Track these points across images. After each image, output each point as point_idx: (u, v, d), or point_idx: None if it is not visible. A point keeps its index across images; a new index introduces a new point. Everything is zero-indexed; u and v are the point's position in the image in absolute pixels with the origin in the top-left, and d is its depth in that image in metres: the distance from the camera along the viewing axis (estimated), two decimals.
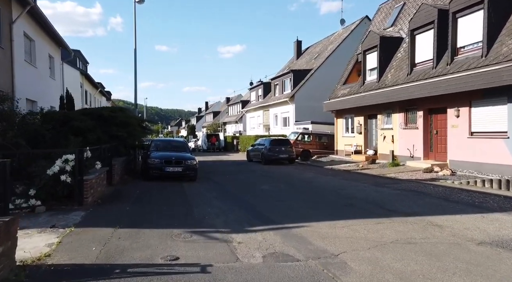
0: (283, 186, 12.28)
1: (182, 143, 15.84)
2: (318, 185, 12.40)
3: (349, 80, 24.39)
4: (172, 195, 10.39)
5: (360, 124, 22.10)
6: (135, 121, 15.28)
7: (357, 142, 22.40)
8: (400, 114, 18.25)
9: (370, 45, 20.55)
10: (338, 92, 24.44)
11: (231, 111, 61.97)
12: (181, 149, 15.05)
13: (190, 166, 13.41)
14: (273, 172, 17.08)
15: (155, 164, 13.14)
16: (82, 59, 36.59)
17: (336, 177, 14.82)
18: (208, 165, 22.36)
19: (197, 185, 12.66)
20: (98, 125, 14.35)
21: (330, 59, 32.82)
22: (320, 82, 32.11)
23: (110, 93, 62.78)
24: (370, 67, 20.96)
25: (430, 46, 15.99)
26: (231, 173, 16.73)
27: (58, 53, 22.59)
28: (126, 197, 9.65)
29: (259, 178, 14.77)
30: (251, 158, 24.58)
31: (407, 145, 17.62)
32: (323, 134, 26.86)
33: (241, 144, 37.22)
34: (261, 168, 19.36)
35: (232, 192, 11.02)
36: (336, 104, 23.73)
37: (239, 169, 19.29)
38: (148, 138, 16.40)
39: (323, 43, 38.70)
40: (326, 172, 16.98)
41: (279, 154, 21.97)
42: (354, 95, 21.54)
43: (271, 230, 6.42)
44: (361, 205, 8.64)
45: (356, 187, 11.75)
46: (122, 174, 13.44)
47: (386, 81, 18.82)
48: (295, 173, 16.85)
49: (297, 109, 32.29)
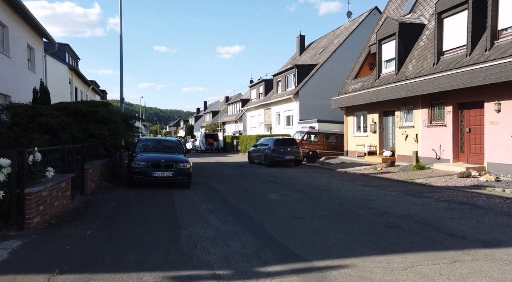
0: (295, 195, 10.04)
1: (175, 142, 13.59)
2: (338, 194, 10.17)
3: (361, 74, 22.18)
4: (157, 208, 8.16)
5: (375, 122, 19.89)
6: (118, 117, 13.03)
7: (370, 142, 20.18)
8: (423, 110, 16.04)
9: (387, 34, 18.33)
10: (349, 87, 22.22)
11: (231, 110, 59.73)
12: (172, 150, 12.82)
13: (182, 170, 11.19)
14: (280, 176, 14.85)
15: (140, 168, 10.91)
16: (72, 54, 34.29)
17: (355, 182, 12.59)
18: (206, 167, 20.13)
19: (190, 193, 10.44)
20: (74, 122, 12.15)
21: (337, 54, 30.62)
22: (326, 78, 29.95)
23: (105, 92, 60.50)
24: (387, 58, 18.74)
25: (463, 30, 13.78)
26: (231, 178, 14.51)
27: (40, 44, 20.37)
28: (95, 213, 7.41)
29: (264, 184, 12.55)
30: (252, 160, 22.36)
31: (432, 144, 15.41)
32: (331, 134, 24.65)
33: (242, 144, 35.00)
34: (265, 171, 17.13)
35: (233, 204, 8.80)
36: (347, 100, 21.52)
37: (240, 172, 17.06)
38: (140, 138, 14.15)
39: (329, 37, 36.50)
40: (340, 176, 14.74)
41: (285, 155, 19.75)
42: (367, 90, 19.33)
43: (294, 273, 4.20)
44: (408, 225, 6.41)
45: (386, 196, 9.52)
46: (100, 180, 11.20)
47: (407, 73, 16.61)
48: (305, 177, 14.62)
49: (302, 107, 30.08)
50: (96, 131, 11.82)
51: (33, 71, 18.77)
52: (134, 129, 14.94)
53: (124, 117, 14.17)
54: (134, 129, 14.94)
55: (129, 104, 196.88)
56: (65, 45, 32.08)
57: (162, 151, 12.66)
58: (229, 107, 61.37)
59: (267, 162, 19.95)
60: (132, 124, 15.29)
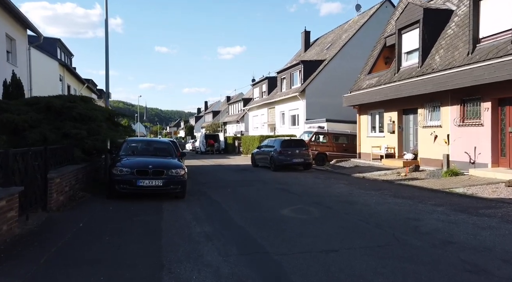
0: (314, 210, 8.02)
1: (167, 144, 11.52)
2: (368, 209, 8.15)
3: (376, 68, 20.17)
4: (137, 232, 6.16)
5: (393, 121, 17.86)
6: (101, 115, 11.01)
7: (388, 143, 18.15)
8: (453, 107, 14.01)
9: (408, 21, 16.31)
10: (363, 83, 20.20)
11: (232, 110, 57.75)
12: (164, 153, 10.80)
13: (175, 178, 9.18)
14: (290, 183, 12.83)
15: (123, 176, 8.89)
16: (65, 50, 32.30)
17: (382, 192, 10.57)
18: (205, 170, 18.11)
19: (184, 206, 8.43)
20: (46, 119, 10.17)
21: (345, 49, 28.61)
22: (334, 75, 27.94)
23: (103, 92, 58.57)
24: (408, 50, 16.72)
25: (505, 13, 11.76)
26: (234, 184, 12.49)
27: (23, 35, 18.41)
28: (47, 243, 5.39)
29: (273, 194, 10.53)
30: (256, 162, 20.34)
31: (465, 147, 13.38)
32: (342, 134, 22.63)
33: (244, 146, 32.98)
34: (272, 176, 15.10)
35: (237, 224, 6.79)
36: (361, 97, 19.49)
37: (243, 177, 15.04)
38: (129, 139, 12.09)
39: (336, 33, 34.49)
40: (360, 183, 12.72)
41: (293, 158, 17.72)
42: (385, 85, 17.30)
43: None
44: (499, 268, 4.38)
45: (432, 213, 7.49)
46: (75, 190, 9.19)
47: (433, 65, 14.58)
48: (320, 184, 12.60)
49: (308, 106, 28.06)
50: (72, 131, 9.82)
51: (13, 64, 16.79)
52: (121, 129, 12.91)
53: (109, 115, 12.14)
54: (121, 129, 12.91)
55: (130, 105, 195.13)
56: (56, 40, 30.15)
57: (151, 154, 10.64)
58: (230, 107, 59.39)
59: (273, 165, 17.93)
60: (119, 122, 13.25)
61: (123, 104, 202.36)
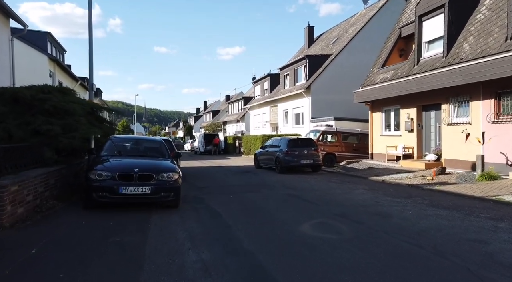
0: (342, 226, 6.33)
1: (158, 143, 9.76)
2: (410, 224, 6.47)
3: (390, 61, 18.49)
4: (108, 263, 4.46)
5: (411, 118, 16.18)
6: (80, 108, 9.30)
7: (405, 143, 16.47)
8: (485, 102, 12.33)
9: (431, 7, 14.62)
10: (375, 77, 18.52)
11: (232, 109, 56.04)
12: (154, 153, 9.09)
13: (166, 184, 7.49)
14: (301, 188, 11.14)
15: (102, 181, 7.19)
16: (56, 45, 30.57)
17: (414, 200, 8.88)
18: (204, 173, 16.42)
19: (177, 220, 6.75)
20: (13, 113, 8.49)
21: (353, 43, 26.89)
22: (341, 70, 26.26)
23: (100, 91, 56.75)
24: (430, 38, 15.04)
25: None
26: (237, 189, 10.80)
27: (5, 25, 16.71)
28: None
29: (285, 202, 8.84)
30: (260, 164, 18.65)
31: (501, 146, 11.70)
32: (352, 133, 20.94)
33: (245, 146, 31.27)
34: (279, 179, 13.42)
35: (244, 248, 5.09)
36: (374, 92, 17.80)
37: (247, 180, 13.35)
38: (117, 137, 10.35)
39: (342, 27, 32.80)
40: (383, 189, 11.02)
41: (301, 159, 16.03)
42: (403, 78, 15.61)
43: None
44: None
45: (497, 232, 5.81)
46: (43, 199, 7.48)
47: (461, 54, 12.91)
48: (335, 189, 10.91)
49: (314, 103, 26.35)
50: (42, 127, 8.12)
51: None
52: (107, 126, 11.16)
53: (91, 108, 10.42)
54: (107, 126, 11.16)
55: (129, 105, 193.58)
56: (46, 33, 28.41)
57: (139, 154, 8.94)
58: (230, 106, 57.68)
59: (278, 167, 16.24)
60: (104, 118, 11.50)
61: (122, 104, 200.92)
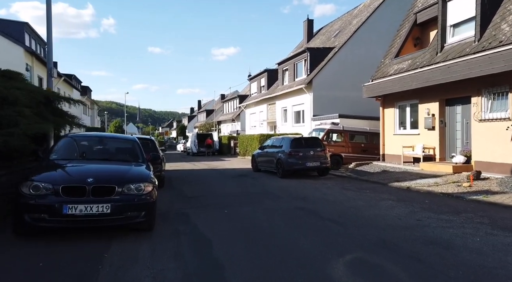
0: (394, 267, 4.17)
1: (130, 142, 7.41)
2: (487, 260, 4.37)
3: (405, 50, 16.41)
4: None
5: (432, 114, 14.09)
6: (25, 97, 7.04)
7: (425, 143, 14.38)
8: None
9: None
10: (389, 68, 16.42)
11: (227, 108, 53.80)
12: (125, 156, 6.87)
13: (134, 200, 5.29)
14: (312, 198, 8.97)
15: (39, 197, 4.97)
16: (35, 37, 28.17)
17: (467, 218, 6.76)
18: (195, 177, 14.20)
19: (145, 255, 4.56)
20: None
21: (358, 34, 24.82)
22: (345, 64, 24.22)
23: (89, 89, 54.17)
24: (456, 21, 12.97)
25: None
26: (233, 201, 8.60)
27: None
28: None
29: (297, 220, 6.65)
30: (258, 166, 16.50)
31: None
32: (361, 132, 18.83)
33: (241, 146, 29.07)
34: (282, 186, 11.24)
35: None
36: (387, 85, 15.69)
37: (245, 188, 11.16)
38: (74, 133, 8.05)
39: (343, 20, 30.75)
40: (414, 200, 8.87)
41: (306, 161, 13.88)
42: (423, 68, 13.52)
43: None
44: None
45: None
46: None
47: (500, 36, 10.83)
48: (355, 200, 8.75)
49: (316, 100, 24.24)
50: None
51: None
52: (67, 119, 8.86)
53: (46, 98, 8.14)
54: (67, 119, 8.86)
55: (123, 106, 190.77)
56: (23, 23, 26.07)
57: (103, 158, 6.72)
58: (225, 105, 55.42)
59: (280, 171, 14.08)
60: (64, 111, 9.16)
61: (116, 105, 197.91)
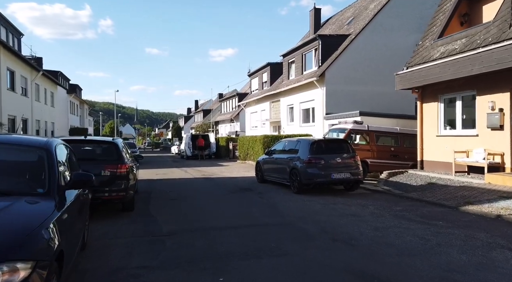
0: None
1: (36, 153, 3.52)
2: None
3: (450, 30, 12.92)
4: None
5: (499, 109, 10.57)
6: None
7: (487, 146, 10.85)
8: None
9: None
10: (432, 52, 12.90)
11: (225, 108, 50.23)
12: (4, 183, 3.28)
13: None
14: (361, 239, 5.40)
15: None
16: (6, 24, 24.56)
17: None
18: (182, 192, 10.53)
19: None
20: None
21: (377, 19, 21.28)
22: (363, 54, 20.79)
23: (79, 88, 50.49)
24: None
25: None
26: (234, 248, 5.00)
27: None
28: None
29: None
30: (264, 176, 12.92)
31: None
32: (390, 133, 15.31)
33: (240, 149, 25.42)
34: (304, 210, 7.66)
35: None
36: (433, 72, 12.12)
37: (250, 214, 7.56)
38: None
39: (356, 6, 27.24)
40: None
41: (331, 172, 10.30)
42: (488, 47, 10.01)
43: None
44: None
45: None
46: None
47: None
48: (442, 246, 5.19)
49: (329, 96, 20.68)
50: None
51: None
52: None
53: None
54: None
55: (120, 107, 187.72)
56: None
57: None
58: (223, 104, 51.85)
59: (296, 184, 10.49)
60: None
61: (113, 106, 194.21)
